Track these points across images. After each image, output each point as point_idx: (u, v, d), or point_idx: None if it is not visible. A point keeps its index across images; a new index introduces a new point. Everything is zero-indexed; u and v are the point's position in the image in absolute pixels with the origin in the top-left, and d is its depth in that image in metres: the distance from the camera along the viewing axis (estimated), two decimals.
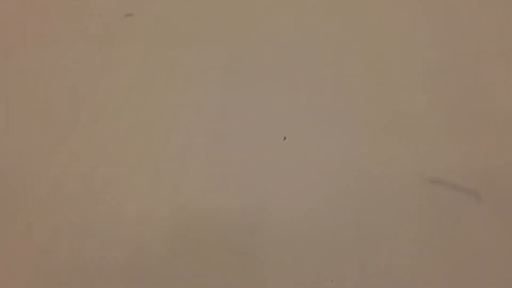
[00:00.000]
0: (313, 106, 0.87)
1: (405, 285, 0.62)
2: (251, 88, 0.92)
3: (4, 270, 0.65)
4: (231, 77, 0.94)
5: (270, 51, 1.01)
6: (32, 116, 0.87)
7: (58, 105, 0.89)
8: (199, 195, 0.73)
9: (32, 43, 1.03)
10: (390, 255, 0.65)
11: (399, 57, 0.97)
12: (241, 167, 0.77)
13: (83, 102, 0.89)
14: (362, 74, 0.92)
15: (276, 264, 0.65)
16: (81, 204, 0.73)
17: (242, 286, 0.63)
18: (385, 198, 0.70)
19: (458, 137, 0.78)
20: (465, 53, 0.96)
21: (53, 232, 0.70)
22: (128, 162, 0.78)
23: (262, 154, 0.79)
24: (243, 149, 0.80)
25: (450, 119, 0.82)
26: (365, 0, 1.15)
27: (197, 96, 0.90)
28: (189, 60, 0.99)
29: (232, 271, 0.64)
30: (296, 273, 0.64)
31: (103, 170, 0.78)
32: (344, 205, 0.70)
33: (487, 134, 0.78)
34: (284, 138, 0.80)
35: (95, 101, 0.90)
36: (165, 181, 0.75)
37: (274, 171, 0.76)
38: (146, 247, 0.67)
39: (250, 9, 1.13)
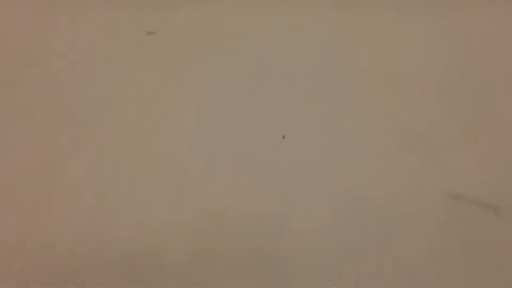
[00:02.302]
0: (333, 120, 0.89)
1: None
2: (273, 98, 0.94)
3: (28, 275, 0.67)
4: (251, 88, 0.97)
5: (287, 64, 1.03)
6: (56, 128, 0.89)
7: (81, 115, 0.91)
8: (222, 200, 0.75)
9: (56, 57, 1.06)
10: (411, 268, 0.66)
11: (415, 75, 0.99)
12: (263, 173, 0.79)
13: (108, 112, 0.92)
14: (381, 93, 0.95)
15: (300, 266, 0.67)
16: (105, 208, 0.75)
17: None
18: (406, 213, 0.72)
19: (477, 153, 0.80)
20: (481, 72, 0.98)
21: (76, 235, 0.71)
22: (153, 168, 0.80)
23: (284, 161, 0.81)
24: (266, 155, 0.82)
25: (470, 135, 0.84)
26: (381, 20, 1.18)
27: (220, 106, 0.93)
28: (209, 72, 1.02)
29: (256, 274, 0.66)
30: (318, 276, 0.65)
31: (127, 176, 0.80)
32: (365, 218, 0.72)
33: (506, 150, 0.80)
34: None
35: (119, 111, 0.92)
36: (189, 187, 0.77)
37: (296, 180, 0.78)
38: (171, 250, 0.69)
39: (267, 24, 1.16)
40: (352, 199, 0.74)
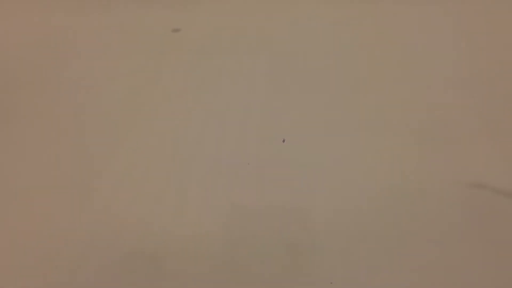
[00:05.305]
0: (357, 112, 0.92)
1: (448, 283, 0.66)
2: (295, 93, 0.98)
3: None
4: (272, 83, 1.00)
5: (305, 60, 1.07)
6: (92, 118, 0.94)
7: (114, 110, 0.96)
8: (253, 195, 0.79)
9: (84, 55, 1.11)
10: (434, 255, 0.69)
11: (433, 67, 1.02)
12: (290, 168, 0.83)
13: (137, 108, 0.96)
14: (400, 85, 0.97)
15: (328, 254, 0.71)
16: (144, 200, 0.79)
17: (297, 275, 0.69)
18: (429, 201, 0.75)
19: (498, 142, 0.82)
20: (500, 62, 1.00)
21: (118, 226, 0.76)
22: (186, 165, 0.84)
23: (309, 156, 0.85)
24: (292, 151, 0.85)
25: (490, 125, 0.86)
26: (392, 14, 1.20)
27: (244, 101, 0.97)
28: (232, 69, 1.05)
29: (287, 261, 0.70)
30: (346, 263, 0.69)
31: (163, 172, 0.85)
32: (389, 207, 0.75)
33: None
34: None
35: (148, 108, 0.97)
36: (222, 183, 0.82)
37: (321, 173, 0.81)
38: (207, 241, 0.73)
39: (286, 23, 1.19)
40: (372, 190, 0.78)
